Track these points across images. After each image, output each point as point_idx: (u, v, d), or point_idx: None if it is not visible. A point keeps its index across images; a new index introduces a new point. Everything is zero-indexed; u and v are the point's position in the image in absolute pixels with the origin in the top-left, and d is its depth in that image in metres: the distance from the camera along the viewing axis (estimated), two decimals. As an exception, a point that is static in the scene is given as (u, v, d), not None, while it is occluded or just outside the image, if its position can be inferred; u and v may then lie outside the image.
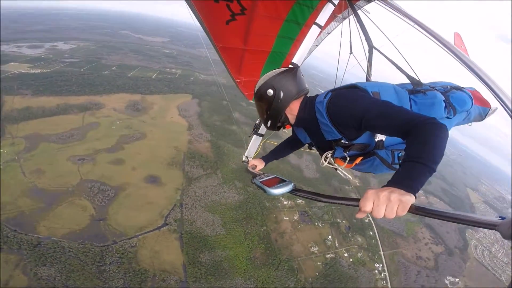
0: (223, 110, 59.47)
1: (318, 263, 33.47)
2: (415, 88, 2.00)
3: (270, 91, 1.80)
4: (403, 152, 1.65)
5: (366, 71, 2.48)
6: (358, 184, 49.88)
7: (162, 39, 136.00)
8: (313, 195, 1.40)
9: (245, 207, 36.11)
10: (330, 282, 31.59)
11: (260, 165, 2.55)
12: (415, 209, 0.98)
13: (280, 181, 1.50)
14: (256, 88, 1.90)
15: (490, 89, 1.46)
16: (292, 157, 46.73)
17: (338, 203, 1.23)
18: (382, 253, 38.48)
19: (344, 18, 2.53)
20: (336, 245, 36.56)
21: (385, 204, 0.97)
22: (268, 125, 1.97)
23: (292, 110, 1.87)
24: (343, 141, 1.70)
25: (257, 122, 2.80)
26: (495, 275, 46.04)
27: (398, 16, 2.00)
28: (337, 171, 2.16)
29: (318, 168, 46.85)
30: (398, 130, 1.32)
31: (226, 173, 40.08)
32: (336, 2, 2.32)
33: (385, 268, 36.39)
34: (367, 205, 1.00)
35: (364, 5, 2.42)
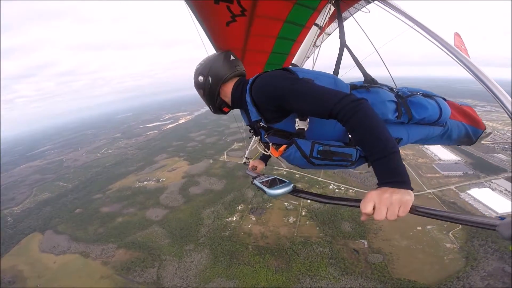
0: (85, 217, 53.58)
1: (307, 222, 39.52)
2: (361, 84, 1.98)
3: (201, 78, 1.97)
4: (325, 147, 1.62)
5: (334, 67, 2.43)
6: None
7: None
8: (313, 196, 1.48)
9: (220, 252, 36.58)
10: (337, 219, 38.43)
11: (260, 166, 2.64)
12: (415, 210, 1.04)
13: (280, 182, 1.56)
14: (193, 77, 2.07)
15: (490, 91, 1.47)
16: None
17: (339, 204, 1.29)
18: (319, 179, 51.81)
19: (345, 19, 2.72)
20: (294, 202, 44.13)
21: (387, 206, 1.00)
22: (211, 109, 2.13)
23: (226, 93, 1.97)
24: (261, 123, 1.73)
25: None
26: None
27: (397, 17, 2.05)
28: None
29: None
30: (316, 111, 1.34)
31: (170, 251, 38.61)
32: (335, 3, 2.47)
33: (340, 184, 48.83)
34: (368, 207, 1.03)
35: (366, 5, 2.62)
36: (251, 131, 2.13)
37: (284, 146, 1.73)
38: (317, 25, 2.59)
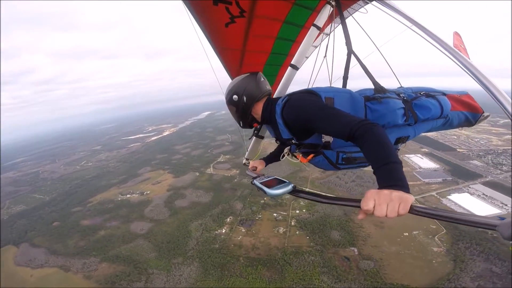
0: (64, 230, 51.15)
1: (297, 232, 39.60)
2: (373, 95, 2.12)
3: (235, 97, 2.20)
4: (347, 154, 1.96)
5: (343, 76, 2.71)
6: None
7: None
8: (313, 196, 1.49)
9: (210, 265, 35.41)
10: (326, 228, 39.02)
11: (260, 166, 2.73)
12: (414, 210, 1.05)
13: (280, 182, 1.59)
14: (225, 95, 2.30)
15: (489, 92, 1.49)
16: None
17: (339, 204, 1.30)
18: (306, 189, 52.21)
19: (345, 19, 2.71)
20: (283, 213, 44.68)
21: (387, 202, 1.01)
22: (241, 124, 2.38)
23: (257, 111, 2.24)
24: (293, 141, 2.06)
25: None
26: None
27: (394, 18, 2.07)
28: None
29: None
30: (338, 133, 1.52)
31: (157, 264, 37.16)
32: (334, 4, 2.53)
33: (327, 194, 44.14)
34: (369, 204, 1.05)
35: (364, 5, 2.69)
36: (277, 141, 2.49)
37: (311, 155, 2.05)
38: (316, 25, 2.61)
